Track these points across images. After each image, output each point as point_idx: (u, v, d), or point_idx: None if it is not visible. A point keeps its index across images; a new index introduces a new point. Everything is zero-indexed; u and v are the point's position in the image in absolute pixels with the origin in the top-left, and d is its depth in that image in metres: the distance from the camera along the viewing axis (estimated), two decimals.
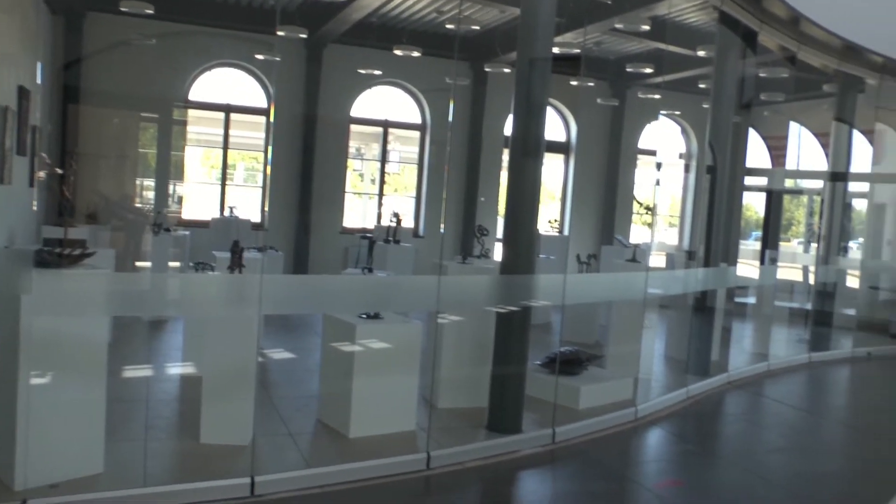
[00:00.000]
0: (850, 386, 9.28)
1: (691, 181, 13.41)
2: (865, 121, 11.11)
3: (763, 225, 13.40)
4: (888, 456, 6.13)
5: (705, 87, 8.86)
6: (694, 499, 4.88)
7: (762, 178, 13.38)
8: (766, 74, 10.06)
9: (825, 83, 10.74)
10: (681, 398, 7.02)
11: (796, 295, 11.81)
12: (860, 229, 13.51)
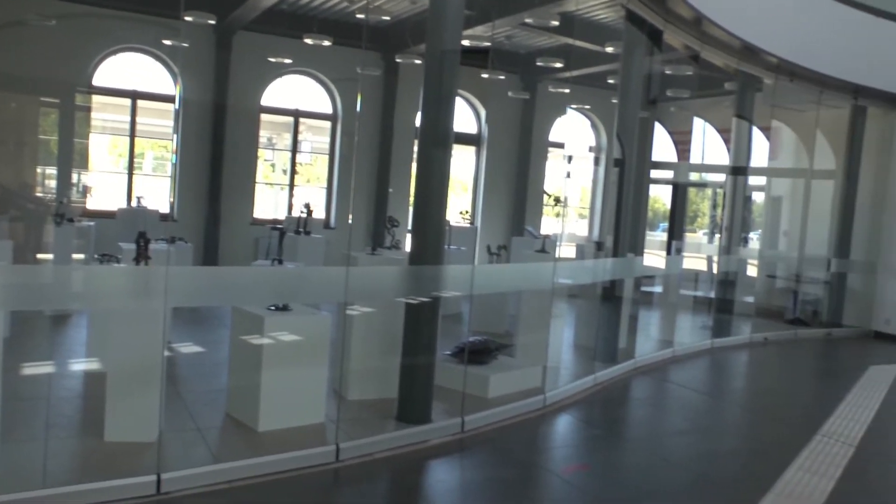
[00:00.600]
0: (749, 370, 9.69)
1: (601, 174, 13.76)
2: (763, 118, 11.59)
3: (670, 216, 13.85)
4: (781, 435, 6.44)
5: (613, 82, 9.07)
6: (600, 481, 5.03)
7: (668, 172, 13.84)
8: (671, 72, 10.39)
9: (727, 82, 11.15)
10: (588, 385, 7.21)
11: (701, 284, 12.25)
12: (759, 221, 14.10)
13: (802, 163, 12.73)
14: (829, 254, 12.39)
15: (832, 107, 11.95)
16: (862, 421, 6.87)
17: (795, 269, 12.55)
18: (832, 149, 12.65)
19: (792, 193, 13.57)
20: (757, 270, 12.75)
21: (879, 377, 8.99)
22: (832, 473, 5.31)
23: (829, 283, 12.44)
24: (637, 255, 8.61)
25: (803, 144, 12.84)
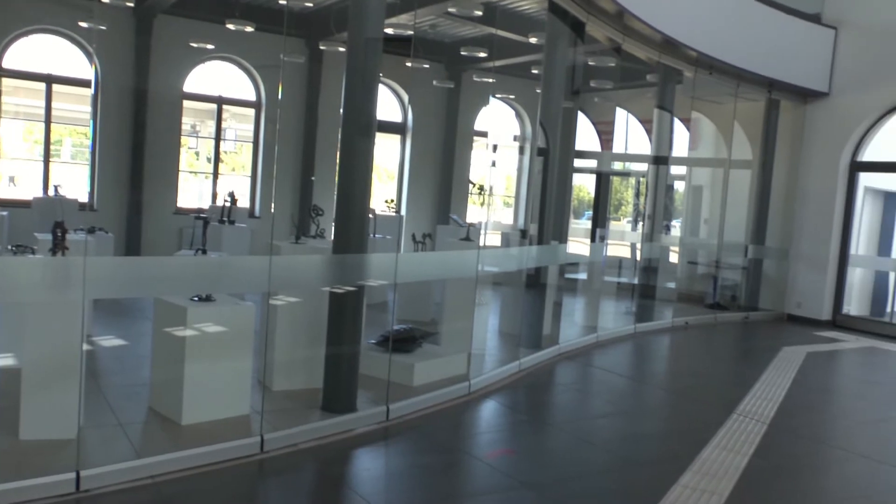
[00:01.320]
0: (670, 353, 9.98)
1: (525, 163, 13.92)
2: (683, 109, 11.91)
3: (594, 205, 14.12)
4: (700, 415, 6.68)
5: (537, 72, 9.19)
6: (524, 465, 5.12)
7: (592, 161, 14.09)
8: (594, 63, 10.57)
9: (648, 73, 11.41)
10: (513, 371, 7.32)
11: (624, 270, 12.55)
12: (681, 209, 14.49)
13: (721, 153, 13.12)
14: (746, 241, 12.84)
15: (749, 99, 12.37)
16: (774, 399, 7.17)
17: (715, 256, 12.96)
18: (749, 140, 13.09)
19: (712, 182, 13.99)
20: (678, 257, 13.12)
21: (791, 358, 9.38)
22: (746, 450, 5.54)
23: (747, 269, 12.90)
24: (561, 242, 8.76)
25: (722, 135, 13.24)
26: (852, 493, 5.10)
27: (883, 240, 14.31)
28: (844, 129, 12.22)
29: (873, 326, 12.36)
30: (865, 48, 11.93)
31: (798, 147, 12.79)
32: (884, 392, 8.58)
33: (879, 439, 6.50)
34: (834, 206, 12.37)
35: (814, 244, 12.55)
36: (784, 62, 11.66)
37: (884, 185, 13.82)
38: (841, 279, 12.55)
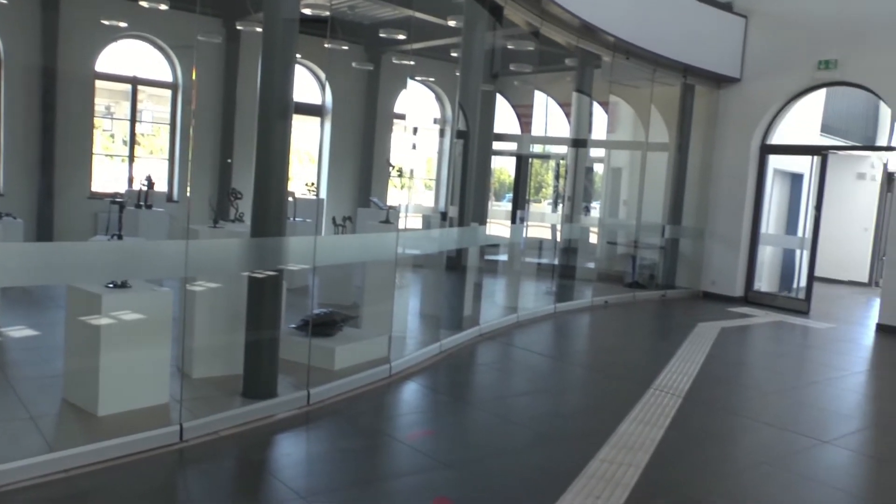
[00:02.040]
0: (590, 331, 10.21)
1: (446, 145, 13.97)
2: (601, 93, 12.13)
3: (514, 187, 14.28)
4: (618, 391, 6.87)
5: (457, 55, 9.22)
6: (444, 444, 5.18)
7: (512, 144, 14.24)
8: (513, 47, 10.65)
9: (567, 58, 11.56)
10: (434, 352, 7.38)
11: (545, 251, 12.76)
12: (601, 191, 14.78)
13: (639, 136, 13.42)
14: (663, 221, 13.19)
15: (665, 84, 12.68)
16: (689, 374, 7.43)
17: (634, 236, 13.28)
18: (665, 123, 13.42)
19: (630, 164, 14.30)
20: (598, 238, 13.41)
21: (705, 333, 9.71)
22: (662, 423, 5.74)
23: (664, 249, 13.26)
24: (481, 224, 8.84)
25: (640, 119, 13.53)
26: (758, 458, 5.32)
27: (790, 219, 14.92)
28: (755, 113, 12.66)
29: (782, 302, 12.90)
30: (773, 36, 12.37)
31: (712, 130, 13.19)
32: (789, 364, 8.98)
33: (784, 408, 6.81)
34: (746, 188, 12.82)
35: (727, 224, 13.00)
36: (698, 49, 12.00)
37: (791, 167, 14.39)
38: (752, 257, 13.03)
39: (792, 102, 12.66)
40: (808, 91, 12.48)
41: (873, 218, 18.08)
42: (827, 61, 11.72)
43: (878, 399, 7.81)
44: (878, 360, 9.60)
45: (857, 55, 11.43)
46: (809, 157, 12.98)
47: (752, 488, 4.78)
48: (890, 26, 11.04)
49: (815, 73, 11.93)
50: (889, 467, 5.53)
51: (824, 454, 5.55)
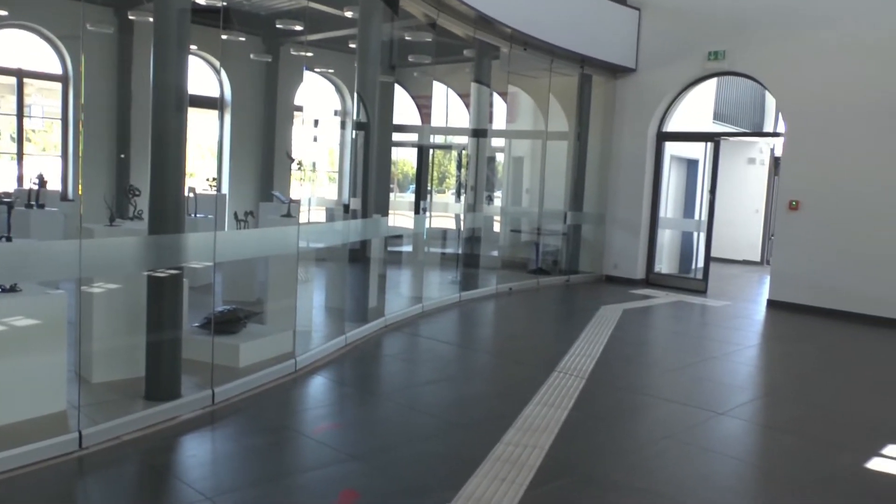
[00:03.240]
0: (495, 318, 10.34)
1: (347, 137, 13.89)
2: (500, 84, 12.28)
3: (416, 178, 14.32)
4: (523, 375, 6.97)
5: (355, 46, 9.17)
6: (351, 436, 5.18)
7: (414, 135, 14.26)
8: (411, 38, 10.67)
9: (465, 49, 11.65)
10: (340, 345, 7.36)
11: (449, 241, 12.85)
12: (503, 180, 14.98)
13: (539, 125, 13.64)
14: (565, 208, 13.47)
15: (563, 74, 12.93)
16: (592, 355, 7.63)
17: (536, 224, 13.51)
18: (564, 112, 13.69)
19: (532, 153, 14.53)
20: (501, 226, 13.59)
21: (608, 315, 9.99)
22: (566, 404, 5.88)
23: (567, 235, 13.55)
24: (383, 215, 8.85)
25: (539, 108, 13.75)
26: (660, 434, 5.52)
27: (688, 203, 15.48)
28: (650, 102, 13.05)
29: (681, 282, 13.37)
30: (665, 28, 12.78)
31: (610, 119, 13.54)
32: (688, 341, 9.33)
33: (683, 384, 7.08)
34: (644, 174, 13.21)
35: (627, 209, 13.37)
36: (594, 40, 12.28)
37: (686, 153, 14.92)
38: (652, 240, 13.46)
39: (685, 92, 13.10)
40: (700, 81, 12.95)
41: (763, 200, 18.95)
42: (716, 52, 12.18)
43: (768, 370, 8.23)
44: (769, 333, 10.09)
45: (743, 47, 11.92)
46: (703, 143, 13.48)
47: (653, 462, 4.96)
48: (773, 20, 11.55)
49: (705, 63, 12.38)
50: (776, 434, 5.84)
51: (720, 425, 5.80)
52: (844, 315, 10.86)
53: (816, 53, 11.17)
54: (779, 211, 11.80)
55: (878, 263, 10.62)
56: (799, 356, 8.85)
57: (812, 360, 8.60)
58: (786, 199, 11.53)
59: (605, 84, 13.51)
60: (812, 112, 11.24)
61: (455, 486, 4.17)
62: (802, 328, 10.34)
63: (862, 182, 10.78)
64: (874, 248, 10.65)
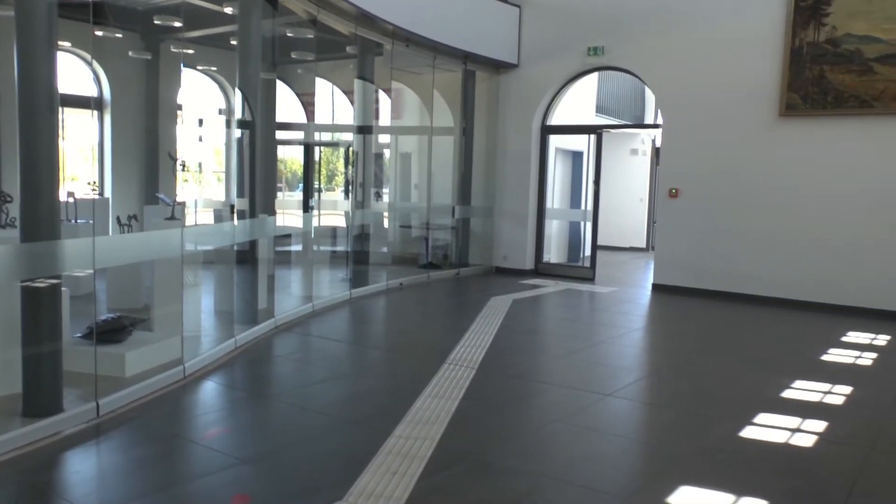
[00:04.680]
0: (386, 314, 10.39)
1: (233, 136, 13.63)
2: (384, 80, 12.32)
3: (304, 176, 14.21)
4: (414, 369, 7.04)
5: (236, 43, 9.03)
6: (242, 440, 5.13)
7: (300, 133, 14.14)
8: (293, 34, 10.57)
9: (348, 45, 11.63)
10: (230, 348, 7.25)
11: (338, 239, 12.81)
12: (391, 176, 15.03)
13: (425, 121, 13.75)
14: (453, 202, 13.63)
15: (446, 70, 13.08)
16: (482, 345, 7.79)
17: (425, 219, 13.63)
18: (449, 108, 13.85)
19: (418, 149, 14.64)
20: (390, 222, 13.65)
21: (498, 306, 10.20)
22: (456, 395, 5.99)
23: (456, 229, 13.72)
24: (270, 215, 8.75)
25: (424, 104, 13.87)
26: (549, 418, 5.71)
27: (574, 194, 15.94)
28: (533, 97, 13.36)
29: (570, 271, 13.76)
30: (546, 24, 13.10)
31: (495, 113, 13.79)
32: (577, 327, 9.64)
33: (572, 369, 7.33)
34: (530, 167, 13.52)
35: (514, 201, 13.66)
36: (476, 36, 12.48)
37: (571, 145, 15.36)
38: (540, 231, 13.80)
39: (567, 86, 13.48)
40: (581, 75, 13.35)
41: (647, 189, 19.72)
42: (595, 48, 12.58)
43: (652, 351, 8.61)
44: (653, 316, 10.54)
45: (621, 43, 12.37)
46: (586, 135, 13.89)
47: (542, 445, 5.14)
48: (648, 18, 12.04)
49: (585, 58, 12.76)
50: (659, 410, 6.15)
51: (607, 406, 6.05)
52: (724, 295, 11.47)
53: (688, 49, 11.72)
54: (660, 199, 12.30)
55: (753, 245, 11.27)
56: (681, 336, 9.28)
57: (693, 340, 9.04)
58: (666, 188, 12.04)
59: (488, 79, 13.74)
60: (687, 105, 11.79)
61: (347, 482, 4.20)
62: (684, 310, 10.84)
63: (735, 169, 11.39)
64: (749, 230, 11.29)
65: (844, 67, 10.58)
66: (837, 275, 10.71)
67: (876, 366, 7.75)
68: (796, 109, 10.92)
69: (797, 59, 10.87)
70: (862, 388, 6.73)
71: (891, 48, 10.31)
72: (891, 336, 9.18)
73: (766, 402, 6.19)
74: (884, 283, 10.38)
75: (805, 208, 10.90)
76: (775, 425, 5.57)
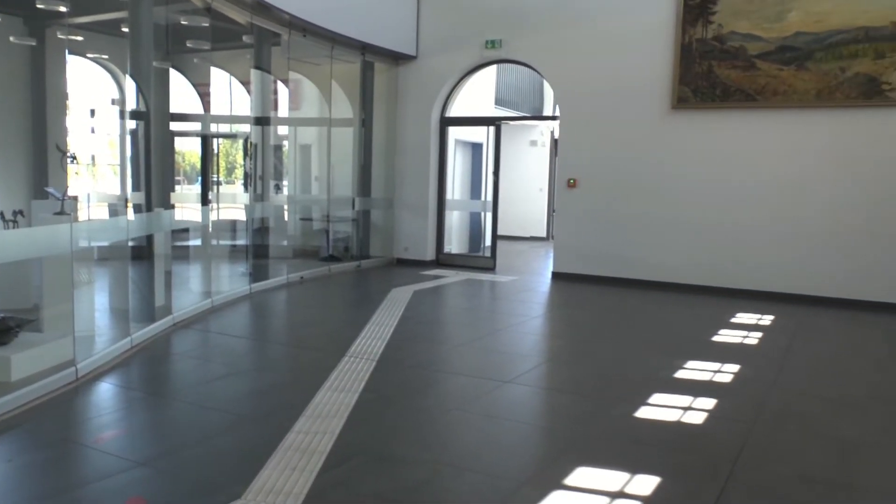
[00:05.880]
0: (286, 308, 10.31)
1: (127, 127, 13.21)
2: (281, 71, 12.18)
3: (202, 169, 13.90)
4: (314, 362, 6.99)
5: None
6: (138, 442, 5.02)
7: (197, 124, 13.82)
8: (187, 22, 10.31)
9: (245, 34, 11.43)
10: (125, 347, 7.06)
11: (238, 232, 12.62)
12: (291, 168, 14.87)
13: (324, 112, 13.66)
14: (353, 194, 13.61)
15: (345, 61, 13.03)
16: (383, 337, 7.84)
17: (326, 211, 13.56)
18: (349, 99, 13.80)
19: (318, 141, 14.53)
20: (290, 215, 13.52)
21: (399, 297, 10.26)
22: (356, 388, 6.02)
23: (356, 221, 13.70)
24: (167, 208, 8.56)
25: (323, 95, 13.77)
26: (448, 406, 5.81)
27: (474, 185, 16.14)
28: (432, 88, 13.46)
29: (470, 261, 13.96)
30: (444, 16, 13.22)
31: (394, 105, 13.81)
32: (477, 316, 9.82)
33: (472, 357, 7.47)
34: (429, 158, 13.63)
35: (415, 192, 13.74)
36: (374, 28, 12.47)
37: (471, 137, 15.53)
38: (441, 222, 13.92)
39: (465, 78, 13.63)
40: (479, 68, 13.53)
41: (546, 179, 20.14)
42: (493, 41, 12.76)
43: (551, 337, 8.86)
44: (552, 303, 10.82)
45: (518, 36, 12.59)
46: (485, 127, 14.08)
47: (441, 434, 5.23)
48: (546, 11, 12.29)
49: (483, 51, 12.93)
50: (557, 395, 6.36)
51: (506, 393, 6.19)
52: (621, 281, 11.88)
53: (584, 44, 12.05)
54: (559, 189, 12.60)
55: (649, 233, 11.72)
56: (579, 322, 9.57)
57: (590, 325, 9.33)
58: (564, 178, 12.36)
59: (387, 71, 13.75)
60: (583, 97, 12.12)
61: (246, 480, 4.19)
62: (583, 296, 11.17)
63: (630, 160, 11.80)
64: (644, 219, 11.73)
65: (730, 63, 11.10)
66: (726, 259, 11.27)
67: (761, 344, 8.23)
68: (687, 102, 11.39)
69: (687, 54, 11.33)
70: (748, 366, 7.14)
71: (770, 46, 10.87)
72: (775, 316, 9.73)
73: (660, 383, 6.49)
74: (768, 266, 10.99)
75: (696, 197, 11.41)
76: (668, 405, 5.85)
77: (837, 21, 10.51)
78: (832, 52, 10.57)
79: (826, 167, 10.68)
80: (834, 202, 10.64)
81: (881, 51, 10.30)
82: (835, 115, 10.61)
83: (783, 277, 10.94)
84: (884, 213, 10.35)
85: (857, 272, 10.54)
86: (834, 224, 10.65)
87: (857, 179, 10.50)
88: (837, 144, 10.61)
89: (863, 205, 10.48)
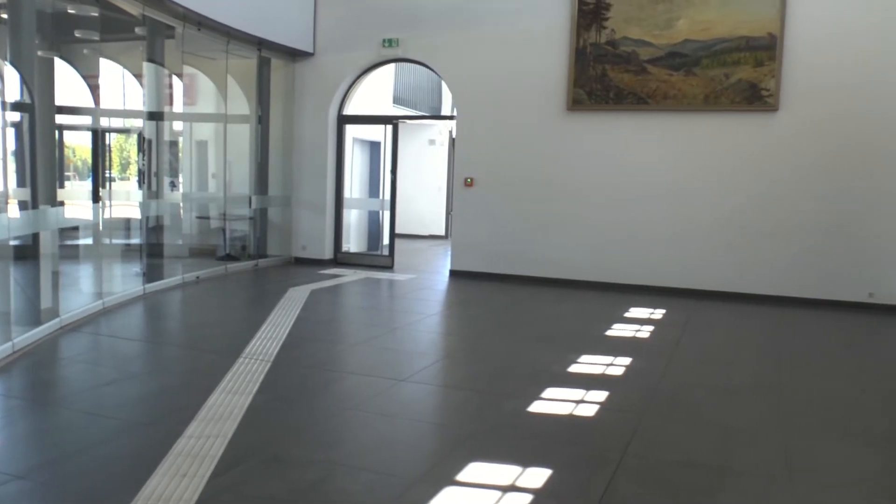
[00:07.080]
0: (182, 309, 10.13)
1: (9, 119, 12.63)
2: (175, 65, 11.90)
3: (93, 164, 13.44)
4: (208, 364, 6.84)
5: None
6: (18, 453, 4.82)
7: (88, 118, 13.34)
8: (76, 11, 9.96)
9: (137, 26, 11.11)
10: (7, 353, 6.78)
11: (132, 231, 12.27)
12: (186, 165, 14.54)
13: (221, 108, 13.42)
14: (250, 192, 13.42)
15: (241, 56, 12.84)
16: (278, 338, 7.80)
17: (223, 209, 13.33)
18: (245, 95, 13.60)
19: (215, 137, 14.26)
20: (186, 213, 13.23)
21: (296, 297, 10.22)
22: (250, 389, 5.98)
23: (253, 219, 13.52)
24: (53, 206, 8.26)
25: (219, 91, 13.53)
26: (344, 406, 5.85)
27: (372, 183, 16.16)
28: (329, 86, 13.42)
29: (369, 260, 13.99)
30: (341, 14, 13.22)
31: (291, 102, 13.70)
32: (374, 315, 9.87)
33: (368, 356, 7.51)
34: (327, 156, 13.59)
35: (312, 191, 13.67)
36: (271, 23, 12.34)
37: (369, 135, 15.55)
38: (338, 221, 13.90)
39: (363, 76, 13.65)
40: (376, 66, 13.57)
41: (445, 178, 20.34)
42: (390, 40, 12.82)
43: (447, 335, 9.00)
44: (449, 301, 10.98)
45: (415, 36, 12.69)
46: (383, 125, 14.12)
47: (336, 434, 5.26)
48: (443, 11, 12.45)
49: (380, 50, 12.98)
50: (452, 392, 6.48)
51: (401, 391, 6.27)
52: (517, 278, 12.16)
53: (482, 45, 12.26)
54: (456, 187, 12.77)
55: (544, 230, 12.05)
56: (475, 320, 9.74)
57: (486, 322, 9.52)
58: (462, 177, 12.53)
59: (284, 67, 13.63)
60: (480, 98, 12.33)
61: (134, 488, 4.11)
62: (480, 294, 11.36)
63: (526, 160, 12.10)
64: (540, 217, 12.06)
65: (623, 67, 11.50)
66: (621, 256, 11.70)
67: (652, 338, 8.59)
68: (582, 104, 11.75)
69: (582, 57, 11.68)
70: (639, 359, 7.46)
71: (659, 52, 11.33)
72: (666, 310, 10.17)
73: (554, 377, 6.71)
74: (661, 262, 11.47)
75: (591, 195, 11.79)
76: (561, 398, 6.05)
77: (722, 30, 11.06)
78: (717, 59, 11.11)
79: (713, 167, 11.23)
80: (720, 200, 11.21)
81: (760, 59, 10.89)
82: (720, 118, 11.17)
83: (675, 273, 11.44)
84: (766, 210, 10.96)
85: (742, 267, 11.14)
86: (721, 221, 11.22)
87: (741, 179, 11.09)
88: (723, 146, 11.19)
89: (746, 202, 11.09)
